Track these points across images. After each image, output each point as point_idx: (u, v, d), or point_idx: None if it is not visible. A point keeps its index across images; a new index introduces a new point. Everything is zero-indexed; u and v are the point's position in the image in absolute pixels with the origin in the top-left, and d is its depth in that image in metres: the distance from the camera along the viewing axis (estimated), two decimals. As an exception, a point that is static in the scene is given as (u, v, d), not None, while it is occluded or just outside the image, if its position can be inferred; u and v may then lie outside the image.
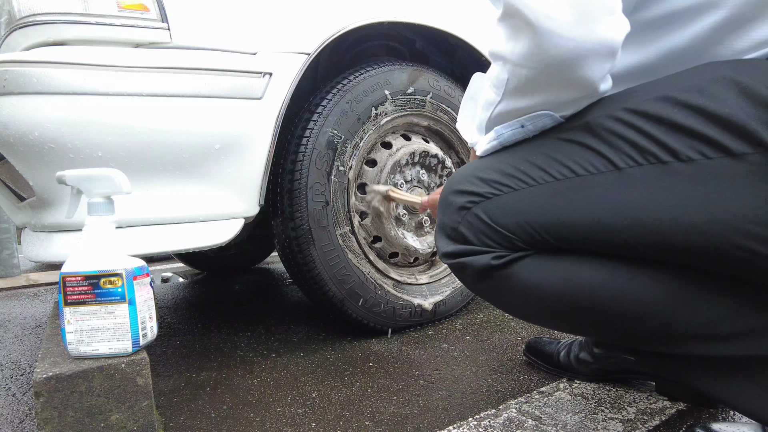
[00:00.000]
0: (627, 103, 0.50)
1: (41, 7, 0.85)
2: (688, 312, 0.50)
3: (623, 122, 0.49)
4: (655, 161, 0.47)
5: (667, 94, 0.48)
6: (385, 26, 1.22)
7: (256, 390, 0.99)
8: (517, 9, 0.46)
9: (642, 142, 0.48)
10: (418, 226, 1.36)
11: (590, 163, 0.51)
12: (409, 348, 1.20)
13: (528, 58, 0.48)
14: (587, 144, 0.51)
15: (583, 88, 0.49)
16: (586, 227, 0.51)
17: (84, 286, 0.72)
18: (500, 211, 0.55)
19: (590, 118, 0.52)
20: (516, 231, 0.55)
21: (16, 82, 0.80)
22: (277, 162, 1.17)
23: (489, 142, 0.59)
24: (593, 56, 0.46)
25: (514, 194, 0.55)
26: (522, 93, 0.52)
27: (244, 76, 0.98)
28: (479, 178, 0.58)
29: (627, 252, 0.51)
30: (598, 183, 0.50)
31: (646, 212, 0.48)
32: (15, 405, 1.01)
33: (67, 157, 0.85)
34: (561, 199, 0.52)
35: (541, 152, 0.54)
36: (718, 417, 0.79)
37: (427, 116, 1.37)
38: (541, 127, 0.55)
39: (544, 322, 0.62)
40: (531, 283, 0.55)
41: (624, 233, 0.49)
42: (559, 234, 0.53)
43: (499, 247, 0.56)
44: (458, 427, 0.78)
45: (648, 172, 0.47)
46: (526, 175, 0.54)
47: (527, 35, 0.46)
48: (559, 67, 0.47)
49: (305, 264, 1.16)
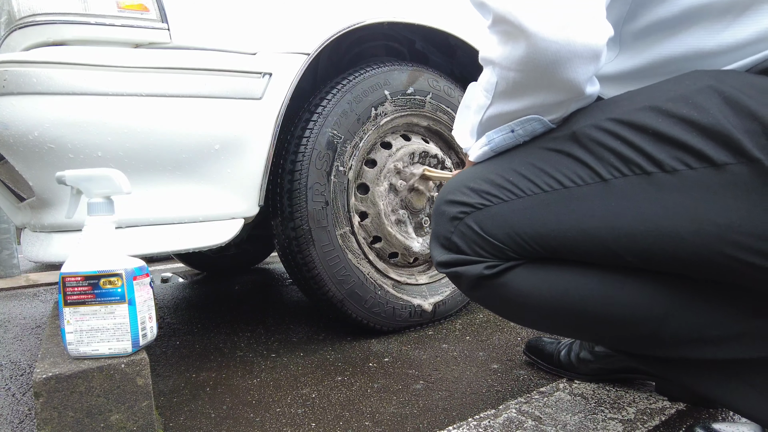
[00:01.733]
0: (613, 112, 0.51)
1: (41, 7, 0.85)
2: (677, 318, 0.51)
3: (609, 132, 0.50)
4: (640, 172, 0.48)
5: (652, 103, 0.49)
6: (384, 26, 1.22)
7: (255, 390, 0.99)
8: (504, 16, 0.48)
9: (627, 152, 0.49)
10: (418, 226, 1.36)
11: (577, 174, 0.52)
12: (409, 348, 1.20)
13: (515, 61, 0.49)
14: (574, 155, 0.52)
15: (569, 90, 0.50)
16: (573, 238, 0.52)
17: (84, 287, 0.72)
18: (491, 221, 0.56)
19: (577, 128, 0.52)
20: (506, 241, 0.56)
21: (16, 82, 0.80)
22: (277, 162, 1.17)
23: (481, 147, 0.60)
24: (577, 59, 0.47)
25: (504, 205, 0.56)
26: (511, 95, 0.53)
27: (244, 76, 0.98)
28: (470, 189, 0.59)
29: (615, 261, 0.51)
30: (585, 195, 0.51)
31: (632, 223, 0.48)
32: (15, 405, 1.01)
33: (67, 158, 0.85)
34: (549, 211, 0.53)
35: (530, 162, 0.55)
36: (718, 417, 0.79)
37: (427, 116, 1.37)
38: (531, 131, 0.56)
39: (539, 328, 0.63)
40: (523, 291, 0.56)
41: (611, 244, 0.50)
42: (547, 245, 0.54)
43: (491, 256, 0.57)
44: (458, 427, 0.78)
45: (633, 183, 0.48)
46: (515, 186, 0.55)
47: (514, 40, 0.48)
48: (544, 69, 0.48)
49: (305, 264, 1.16)
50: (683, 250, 0.46)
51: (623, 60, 0.59)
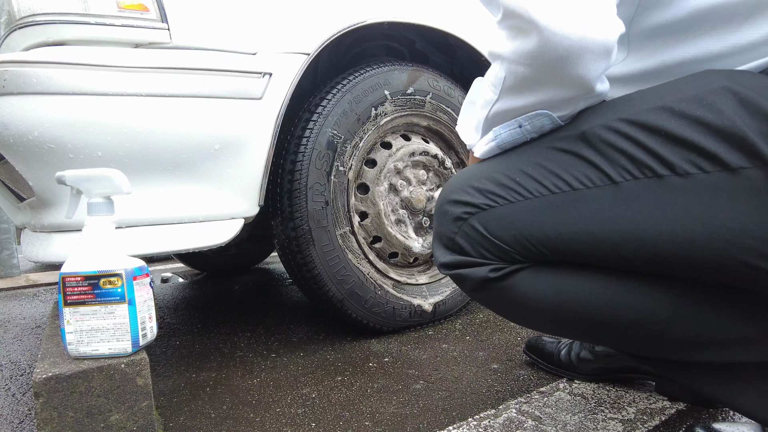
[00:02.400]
0: (624, 112, 0.50)
1: (41, 7, 0.85)
2: (682, 322, 0.50)
3: (619, 133, 0.49)
4: (651, 175, 0.47)
5: (664, 104, 0.48)
6: (385, 26, 1.22)
7: (255, 390, 0.99)
8: (514, 10, 0.47)
9: (638, 154, 0.48)
10: (418, 226, 1.36)
11: (586, 176, 0.51)
12: (409, 348, 1.20)
13: (525, 56, 0.48)
14: (583, 155, 0.51)
15: (579, 86, 0.49)
16: (581, 242, 0.51)
17: (84, 287, 0.72)
18: (496, 223, 0.55)
19: (586, 128, 0.52)
20: (512, 243, 0.55)
21: (16, 82, 0.80)
22: (277, 162, 1.17)
23: (487, 143, 0.59)
24: (588, 54, 0.46)
25: (510, 206, 0.55)
26: (519, 91, 0.52)
27: (244, 76, 0.98)
28: (475, 188, 0.57)
29: (623, 266, 0.51)
30: (594, 197, 0.50)
31: (642, 228, 0.47)
32: (15, 405, 1.01)
33: (67, 158, 0.85)
34: (556, 214, 0.52)
35: (537, 162, 0.54)
36: (718, 417, 0.79)
37: (427, 116, 1.37)
38: (539, 127, 0.55)
39: (543, 330, 0.63)
40: (528, 295, 0.56)
41: (620, 248, 0.49)
42: (554, 248, 0.53)
43: (496, 258, 0.56)
44: (458, 427, 0.78)
45: (644, 186, 0.47)
46: (522, 186, 0.54)
47: (525, 34, 0.47)
48: (555, 64, 0.47)
49: (305, 264, 1.16)
50: (694, 255, 0.45)
51: (632, 61, 0.58)
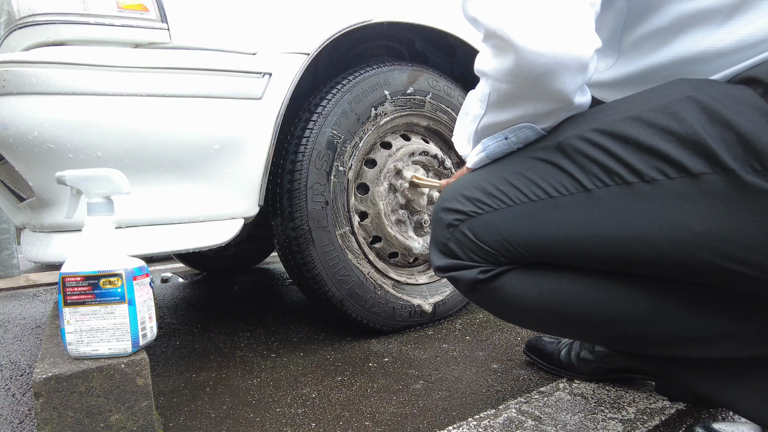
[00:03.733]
0: (597, 123, 0.52)
1: (41, 7, 0.85)
2: (663, 319, 0.52)
3: (592, 143, 0.51)
4: (621, 182, 0.49)
5: (634, 113, 0.50)
6: (384, 26, 1.22)
7: (255, 390, 0.99)
8: (494, 31, 0.50)
9: (609, 163, 0.50)
10: (417, 226, 1.36)
11: (561, 184, 0.53)
12: (409, 348, 1.20)
13: (505, 74, 0.51)
14: (559, 164, 0.54)
15: (558, 100, 0.52)
16: (558, 246, 0.54)
17: (84, 287, 0.72)
18: (482, 229, 0.59)
19: (563, 138, 0.54)
20: (497, 248, 0.58)
21: (16, 82, 0.80)
22: (277, 162, 1.17)
23: (477, 154, 0.63)
24: (564, 70, 0.48)
25: (494, 213, 0.58)
26: (503, 106, 0.55)
27: (244, 76, 0.98)
28: (464, 197, 0.61)
29: (600, 267, 0.53)
30: (569, 204, 0.53)
31: (613, 232, 0.50)
32: (14, 405, 1.01)
33: (67, 158, 0.85)
34: (535, 220, 0.55)
35: (519, 172, 0.58)
36: (718, 417, 0.79)
37: (427, 116, 1.37)
38: (523, 138, 0.58)
39: (532, 328, 0.66)
40: (515, 294, 0.59)
41: (594, 252, 0.52)
42: (535, 251, 0.56)
43: (484, 262, 0.60)
44: (458, 427, 0.78)
45: (614, 193, 0.50)
46: (505, 195, 0.58)
47: (504, 53, 0.50)
48: (533, 81, 0.50)
49: (305, 264, 1.16)
50: (662, 257, 0.48)
51: (618, 67, 0.61)
